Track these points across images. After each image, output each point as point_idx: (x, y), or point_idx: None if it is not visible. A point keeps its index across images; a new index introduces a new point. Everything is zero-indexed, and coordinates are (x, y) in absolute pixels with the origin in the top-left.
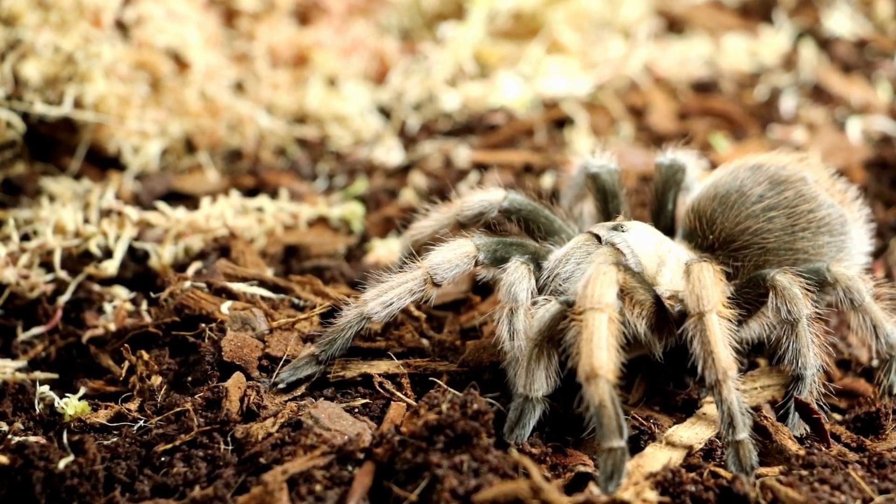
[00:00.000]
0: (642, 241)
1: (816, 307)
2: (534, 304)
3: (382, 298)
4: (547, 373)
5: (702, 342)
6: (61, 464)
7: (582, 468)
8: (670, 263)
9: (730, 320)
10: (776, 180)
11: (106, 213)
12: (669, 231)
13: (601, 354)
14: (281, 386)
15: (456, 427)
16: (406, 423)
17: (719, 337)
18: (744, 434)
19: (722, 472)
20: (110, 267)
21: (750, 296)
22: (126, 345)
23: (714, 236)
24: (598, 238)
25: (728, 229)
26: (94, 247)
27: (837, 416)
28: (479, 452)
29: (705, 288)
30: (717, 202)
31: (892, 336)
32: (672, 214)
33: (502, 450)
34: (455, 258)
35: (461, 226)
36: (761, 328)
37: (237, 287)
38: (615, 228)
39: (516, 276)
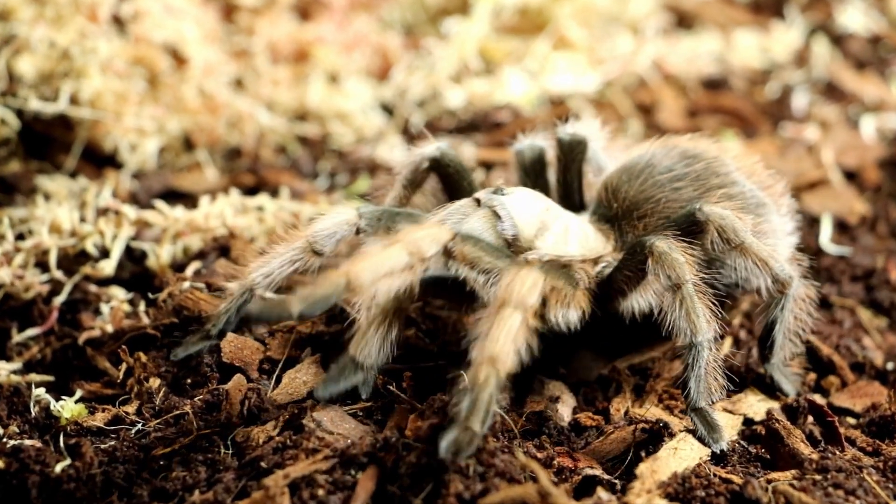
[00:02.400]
0: (522, 206)
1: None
2: None
3: (264, 270)
4: (382, 343)
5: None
6: (58, 468)
7: (589, 471)
8: (554, 229)
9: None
10: (687, 154)
11: (103, 212)
12: (581, 205)
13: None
14: (174, 359)
15: None
16: (410, 426)
17: (505, 332)
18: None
19: (733, 477)
20: (107, 267)
21: (632, 265)
22: (123, 346)
23: (618, 205)
24: (479, 202)
25: (631, 198)
26: (90, 246)
27: (852, 420)
28: (485, 456)
29: (522, 286)
30: (624, 173)
31: (784, 271)
32: (580, 188)
33: (510, 453)
34: (334, 225)
35: (409, 182)
36: (653, 298)
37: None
38: (496, 192)
39: None
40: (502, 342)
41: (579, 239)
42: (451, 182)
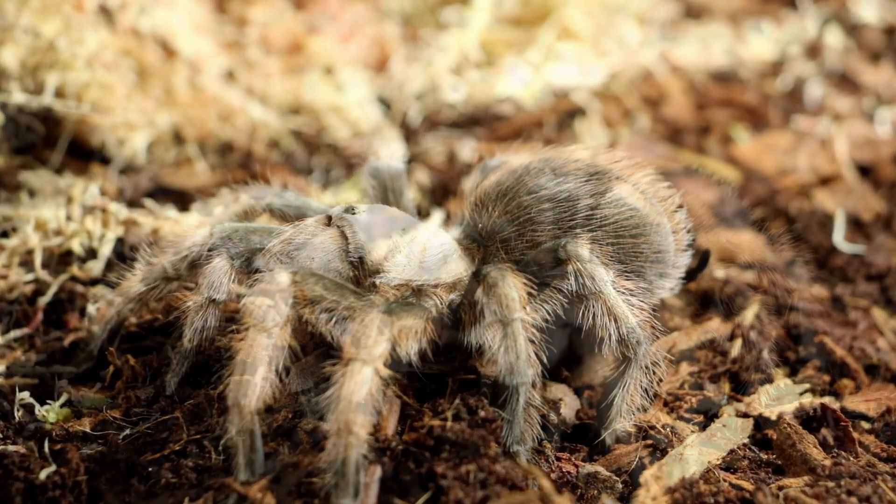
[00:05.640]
0: (373, 226)
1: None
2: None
3: (123, 297)
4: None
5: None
6: (42, 474)
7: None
8: (409, 250)
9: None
10: (560, 172)
11: (90, 210)
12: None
13: None
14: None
15: (462, 436)
16: (409, 431)
17: (356, 391)
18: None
19: (744, 483)
20: (95, 268)
21: (470, 296)
22: (111, 348)
23: (482, 224)
24: (330, 220)
25: (496, 218)
26: (76, 246)
27: (866, 425)
28: (486, 462)
29: (367, 338)
30: (493, 188)
31: (635, 333)
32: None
33: (511, 459)
34: (184, 249)
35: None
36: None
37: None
38: (347, 211)
39: (218, 270)
40: (355, 404)
41: (436, 261)
42: None
